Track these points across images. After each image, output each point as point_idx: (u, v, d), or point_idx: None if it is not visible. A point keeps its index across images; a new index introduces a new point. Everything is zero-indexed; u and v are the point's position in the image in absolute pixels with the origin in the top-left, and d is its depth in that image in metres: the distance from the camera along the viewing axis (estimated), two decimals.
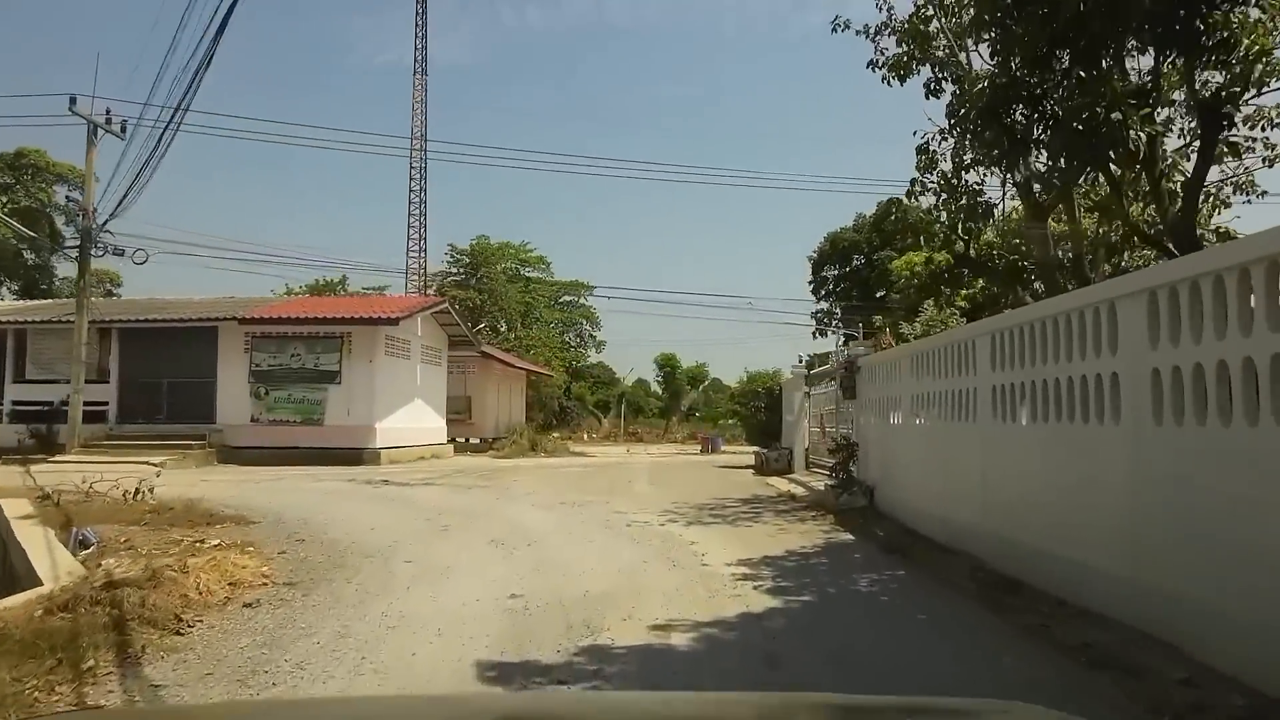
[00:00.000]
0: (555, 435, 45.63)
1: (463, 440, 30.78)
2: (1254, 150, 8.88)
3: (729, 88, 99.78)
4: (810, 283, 61.12)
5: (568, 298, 63.67)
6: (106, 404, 21.07)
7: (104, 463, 17.66)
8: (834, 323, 59.78)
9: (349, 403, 20.72)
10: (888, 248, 53.62)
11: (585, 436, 61.20)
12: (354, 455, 20.49)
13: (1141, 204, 10.24)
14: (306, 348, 20.91)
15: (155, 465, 17.99)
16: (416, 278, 44.46)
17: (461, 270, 54.96)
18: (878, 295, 56.63)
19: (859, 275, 56.93)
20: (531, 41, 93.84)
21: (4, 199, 28.50)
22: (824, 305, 59.86)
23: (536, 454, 29.10)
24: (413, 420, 23.03)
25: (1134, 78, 8.45)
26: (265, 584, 6.42)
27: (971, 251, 12.04)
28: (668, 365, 64.75)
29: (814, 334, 61.67)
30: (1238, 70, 7.51)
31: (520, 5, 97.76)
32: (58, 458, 18.73)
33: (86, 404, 21.14)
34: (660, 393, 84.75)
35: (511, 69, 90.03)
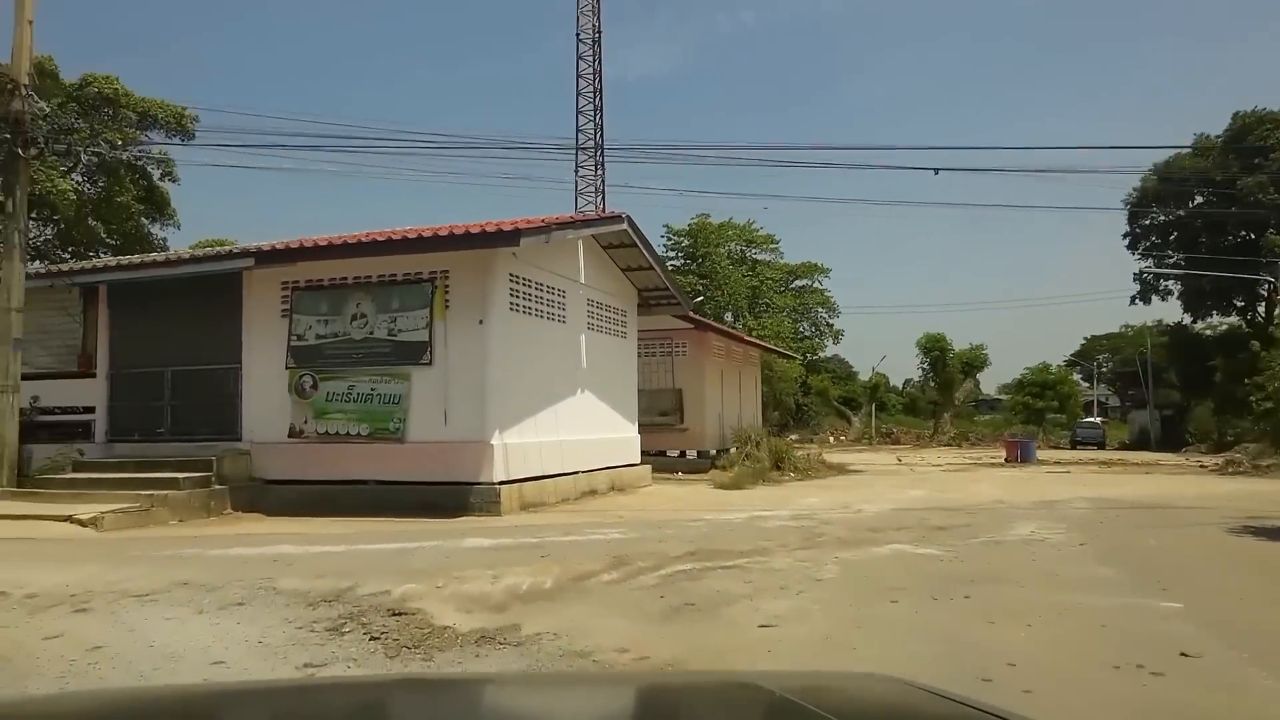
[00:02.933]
0: (793, 439, 35.71)
1: (674, 454, 20.92)
2: None
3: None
4: (1126, 235, 46.35)
5: (800, 281, 54.62)
6: (92, 411, 13.04)
7: (10, 518, 9.47)
8: (1166, 282, 44.79)
9: (446, 399, 11.30)
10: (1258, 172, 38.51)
11: (830, 440, 50.24)
12: (455, 497, 11.01)
13: None
14: (375, 299, 11.72)
15: (84, 521, 9.45)
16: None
17: (680, 254, 48.05)
18: (1242, 238, 41.27)
19: (1204, 217, 41.90)
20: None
21: (88, 153, 22.25)
22: (1147, 262, 44.93)
23: (784, 475, 18.61)
24: (573, 428, 13.29)
25: None
26: None
27: None
28: (935, 348, 51.75)
29: (1134, 298, 46.80)
30: None
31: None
32: None
33: (63, 410, 13.17)
34: (917, 383, 71.37)
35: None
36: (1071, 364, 66.85)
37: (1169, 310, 70.76)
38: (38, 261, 18.35)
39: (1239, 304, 43.86)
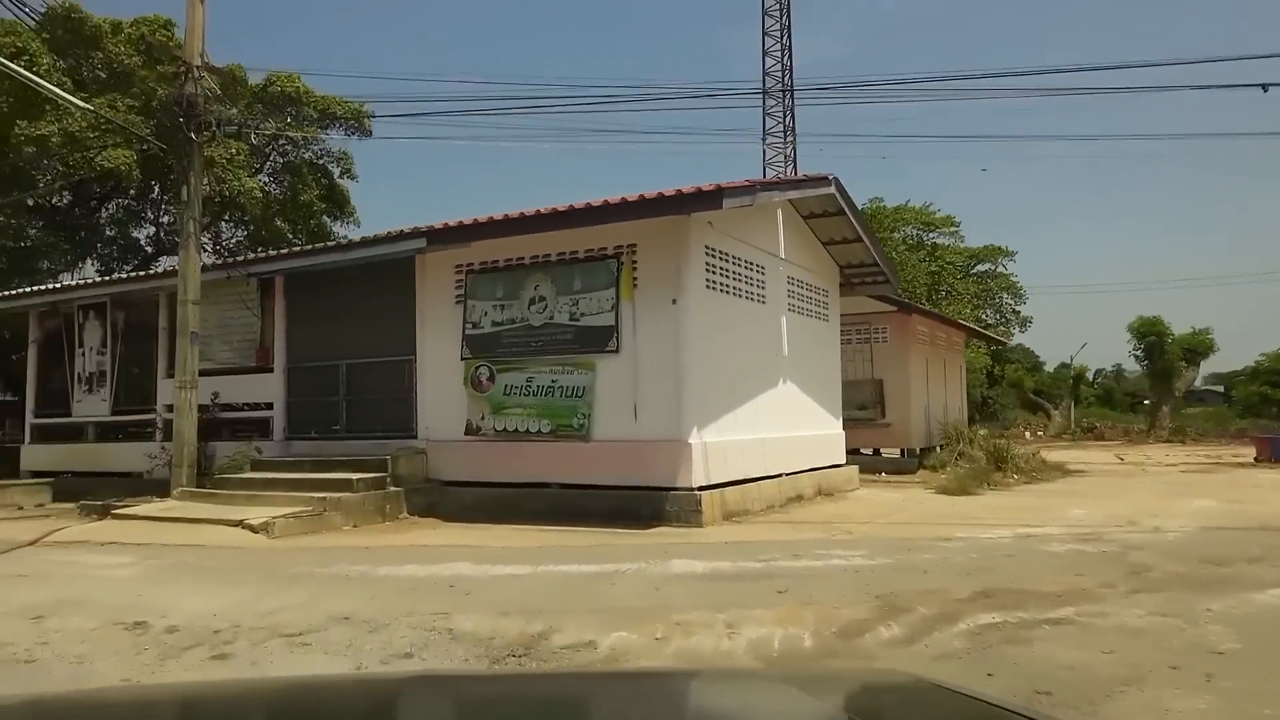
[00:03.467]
0: (981, 434, 32.34)
1: (872, 451, 18.78)
2: None
3: None
4: None
5: (982, 266, 50.37)
6: (270, 407, 12.51)
7: (185, 521, 8.84)
8: None
9: (636, 391, 9.83)
10: None
11: (1026, 435, 45.76)
12: (649, 504, 9.52)
13: None
14: (554, 280, 10.42)
15: (255, 527, 8.65)
16: None
17: None
18: None
19: None
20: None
21: (274, 153, 22.55)
22: None
23: (1007, 478, 16.08)
24: (775, 424, 11.53)
25: None
26: None
27: None
28: (1151, 332, 46.16)
29: None
30: None
31: None
32: (130, 510, 10.30)
33: (243, 407, 12.74)
34: (1110, 373, 64.78)
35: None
36: None
37: None
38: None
39: None
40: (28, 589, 6.37)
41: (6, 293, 14.98)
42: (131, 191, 22.46)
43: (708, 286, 10.15)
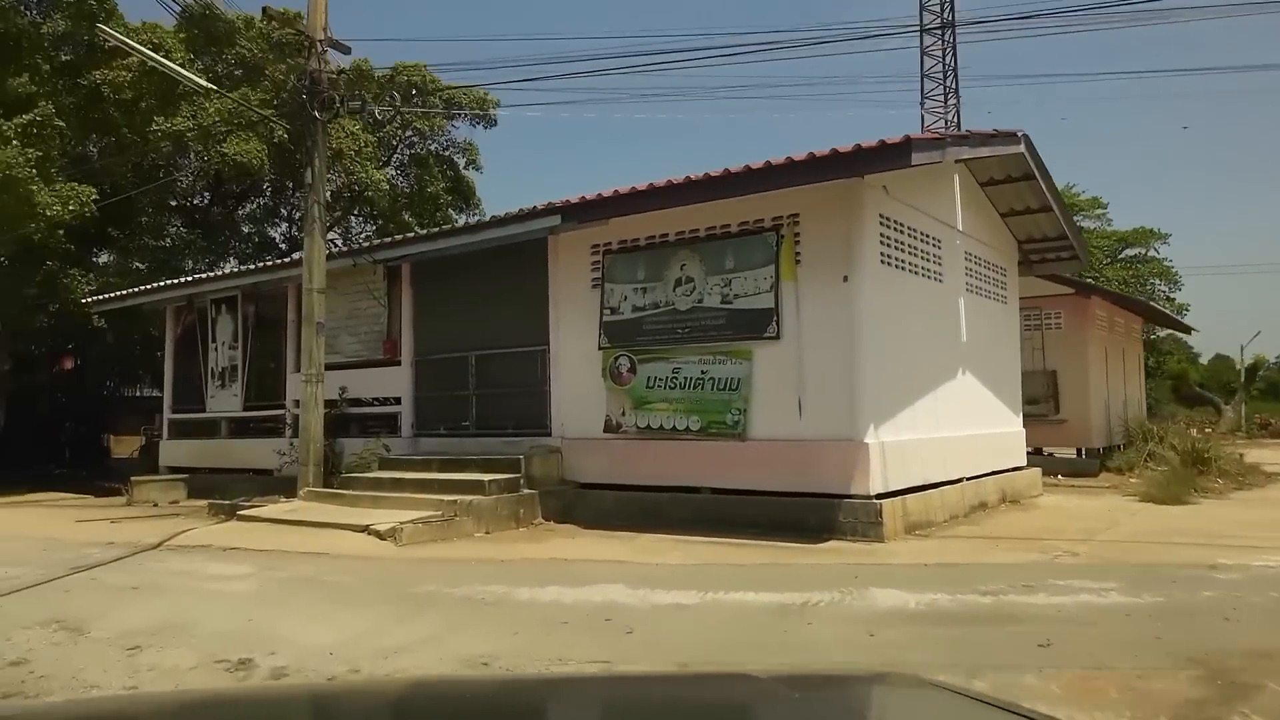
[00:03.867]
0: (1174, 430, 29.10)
1: (1045, 450, 16.79)
2: None
3: None
4: None
5: (1131, 250, 46.31)
6: (398, 402, 11.84)
7: (309, 525, 8.18)
8: None
9: (800, 383, 8.53)
10: None
11: (1193, 432, 41.62)
12: (817, 514, 8.22)
13: None
14: (703, 259, 9.24)
15: (382, 534, 7.87)
16: None
17: None
18: None
19: None
20: None
21: (401, 146, 22.28)
22: None
23: (1212, 483, 13.90)
24: (954, 420, 9.99)
25: None
26: None
27: None
28: None
29: None
30: None
31: None
32: (255, 512, 9.75)
33: (370, 402, 12.14)
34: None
35: None
36: None
37: None
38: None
39: None
40: (136, 607, 5.66)
41: (143, 287, 14.97)
42: (266, 188, 22.68)
43: (883, 262, 8.74)
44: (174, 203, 21.03)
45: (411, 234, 11.12)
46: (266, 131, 17.71)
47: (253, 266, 13.51)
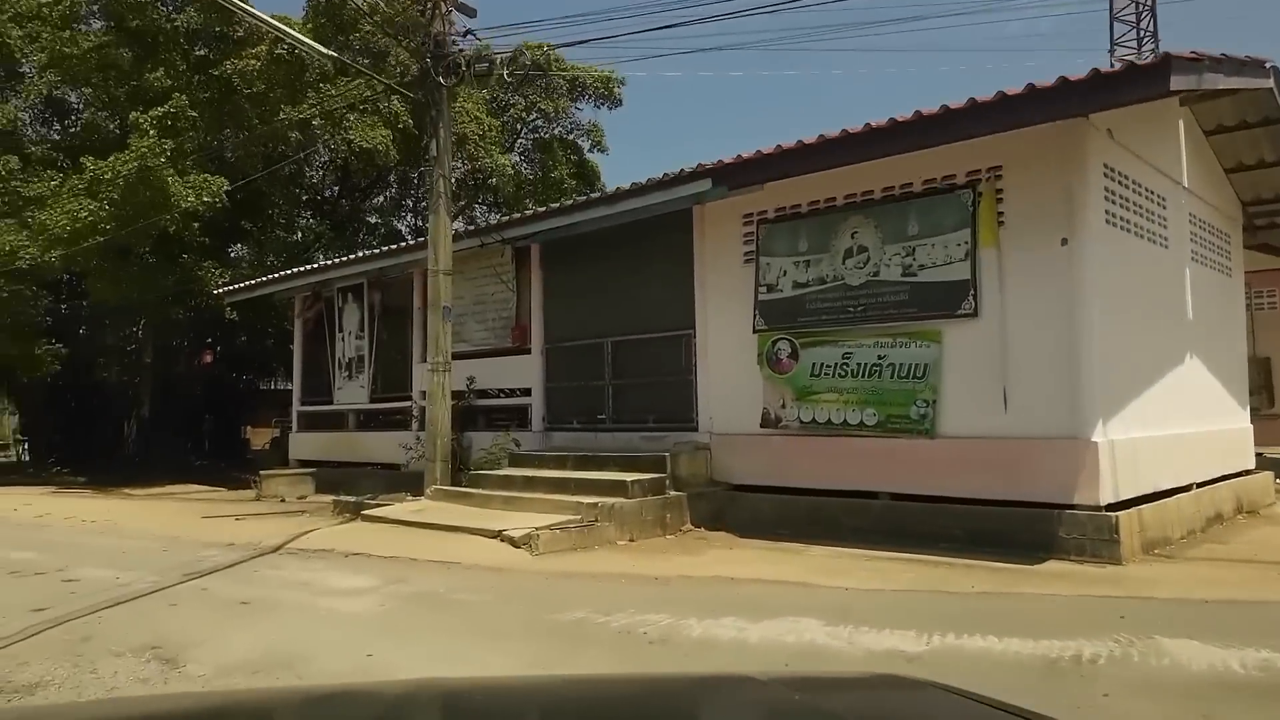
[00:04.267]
0: None
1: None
2: None
3: None
4: None
5: None
6: (528, 393, 10.96)
7: (437, 529, 7.39)
8: None
9: (1005, 369, 7.08)
10: None
11: None
12: (1029, 527, 6.77)
13: None
14: (880, 224, 7.89)
15: (516, 541, 6.96)
16: None
17: None
18: None
19: None
20: None
21: (524, 130, 21.63)
22: None
23: None
24: (1182, 414, 8.27)
25: None
26: None
27: None
28: None
29: None
30: None
31: None
32: (380, 512, 9.04)
33: (499, 393, 11.34)
34: None
35: None
36: None
37: None
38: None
39: None
40: (243, 631, 4.84)
41: (270, 276, 14.70)
42: (392, 180, 22.49)
43: (1108, 222, 7.18)
44: (304, 196, 21.03)
45: (543, 208, 10.17)
46: (391, 118, 17.32)
47: (377, 251, 12.90)
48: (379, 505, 9.33)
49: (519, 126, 21.64)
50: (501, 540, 7.33)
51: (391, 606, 5.40)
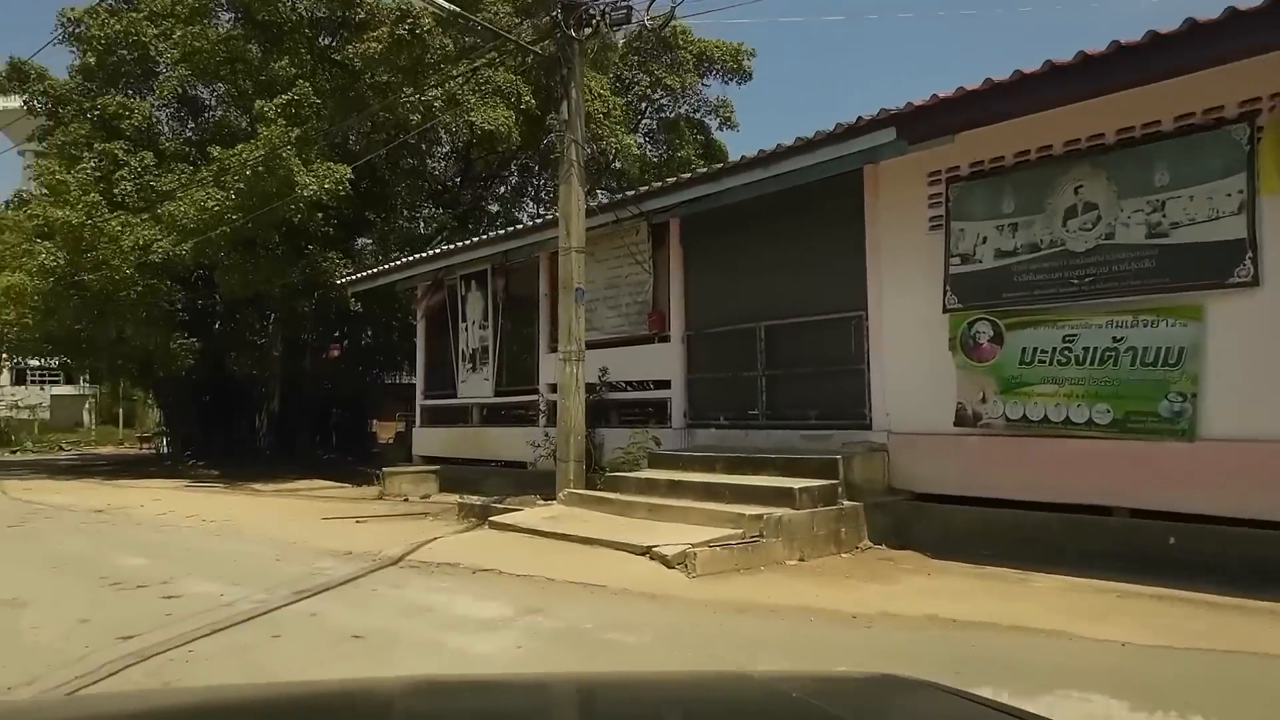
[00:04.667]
0: None
1: None
2: None
3: None
4: None
5: None
6: (666, 386, 9.85)
7: (574, 541, 6.39)
8: None
9: None
10: None
11: None
12: None
13: None
14: (1113, 175, 6.34)
15: (669, 559, 5.81)
16: None
17: None
18: None
19: None
20: None
21: (649, 109, 20.56)
22: None
23: None
24: None
25: None
26: None
27: None
28: None
29: None
30: None
31: None
32: (509, 519, 8.10)
33: (638, 387, 10.30)
34: None
35: None
36: None
37: None
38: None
39: None
40: (354, 674, 3.86)
41: (391, 264, 14.11)
42: (514, 168, 21.86)
43: None
44: (426, 187, 20.61)
45: (686, 175, 8.97)
46: (514, 98, 16.54)
47: (503, 231, 12.02)
48: (507, 509, 8.41)
49: (643, 105, 20.59)
50: (651, 558, 6.21)
51: (531, 648, 4.34)
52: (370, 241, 19.21)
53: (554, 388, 11.37)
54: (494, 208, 21.30)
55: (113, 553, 7.42)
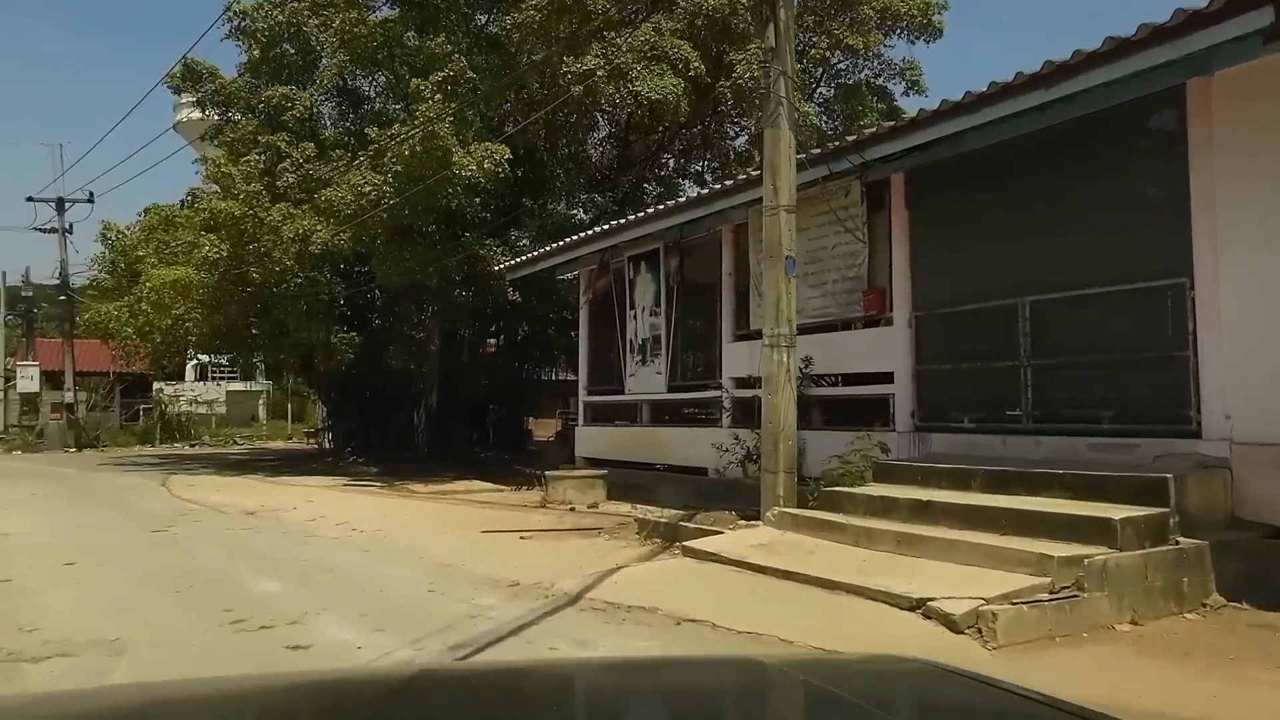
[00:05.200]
0: None
1: None
2: None
3: None
4: None
5: None
6: (887, 379, 8.01)
7: (801, 581, 4.66)
8: None
9: None
10: None
11: None
12: None
13: None
14: None
15: (953, 619, 3.97)
16: None
17: None
18: None
19: None
20: None
21: (825, 76, 18.57)
22: None
23: None
24: None
25: None
26: None
27: None
28: None
29: None
30: None
31: None
32: (708, 544, 6.49)
33: (847, 381, 8.54)
34: None
35: None
36: None
37: None
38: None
39: None
40: None
41: (553, 246, 12.86)
42: (676, 149, 20.41)
43: None
44: (583, 175, 19.44)
45: (929, 111, 6.96)
46: (681, 63, 15.02)
47: (683, 199, 10.43)
48: (700, 529, 6.84)
49: (819, 72, 18.62)
50: (925, 615, 4.46)
51: None
52: (527, 231, 18.18)
53: (739, 381, 9.82)
54: (657, 189, 19.86)
55: (248, 572, 6.35)
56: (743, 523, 6.94)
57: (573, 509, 9.93)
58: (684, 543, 6.43)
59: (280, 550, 7.40)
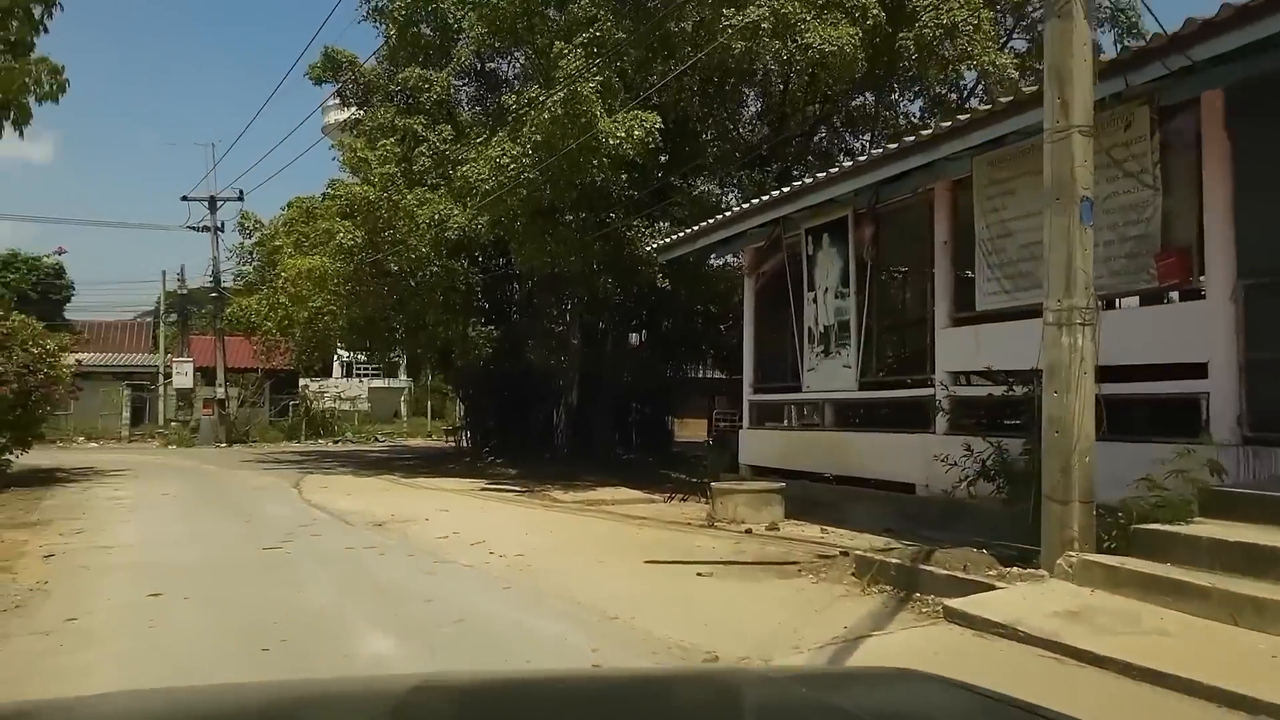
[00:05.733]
0: None
1: None
2: None
3: None
4: None
5: None
6: (1196, 373, 5.85)
7: (1156, 684, 2.48)
8: None
9: None
10: None
11: None
12: None
13: None
14: None
15: None
16: None
17: None
18: None
19: None
20: None
21: (1019, 24, 16.07)
22: None
23: None
24: None
25: None
26: None
27: None
28: None
29: None
30: None
31: None
32: (989, 609, 4.49)
33: (1130, 375, 6.37)
34: None
35: None
36: None
37: None
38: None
39: None
40: None
41: (711, 221, 11.11)
42: (837, 123, 18.31)
43: None
44: (735, 145, 17.62)
45: None
46: (858, 11, 13.01)
47: (880, 151, 8.43)
48: (955, 579, 4.92)
49: (1011, 22, 16.14)
50: None
51: None
52: (676, 211, 16.54)
53: (955, 376, 7.83)
54: (812, 161, 17.80)
55: (357, 617, 4.92)
56: (1012, 570, 4.99)
57: (749, 530, 8.16)
58: (945, 601, 4.54)
59: (402, 582, 5.97)
